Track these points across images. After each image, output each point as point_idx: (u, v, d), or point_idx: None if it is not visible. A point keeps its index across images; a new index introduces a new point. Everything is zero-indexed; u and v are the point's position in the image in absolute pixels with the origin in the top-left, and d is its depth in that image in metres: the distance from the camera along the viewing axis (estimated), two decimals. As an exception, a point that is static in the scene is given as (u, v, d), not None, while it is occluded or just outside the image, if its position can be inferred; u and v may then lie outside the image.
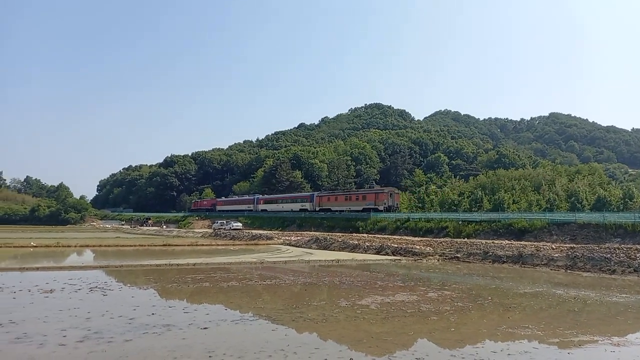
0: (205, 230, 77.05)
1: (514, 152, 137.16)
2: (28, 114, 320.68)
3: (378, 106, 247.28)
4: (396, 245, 39.12)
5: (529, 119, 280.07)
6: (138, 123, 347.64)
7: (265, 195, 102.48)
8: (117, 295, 17.79)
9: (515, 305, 16.81)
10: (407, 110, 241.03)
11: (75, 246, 42.52)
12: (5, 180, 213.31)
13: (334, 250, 41.45)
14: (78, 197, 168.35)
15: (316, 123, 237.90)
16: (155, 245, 45.46)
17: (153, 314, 14.57)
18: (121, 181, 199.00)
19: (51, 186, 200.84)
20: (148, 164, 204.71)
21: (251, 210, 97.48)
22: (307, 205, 79.76)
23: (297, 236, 53.68)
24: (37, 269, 25.42)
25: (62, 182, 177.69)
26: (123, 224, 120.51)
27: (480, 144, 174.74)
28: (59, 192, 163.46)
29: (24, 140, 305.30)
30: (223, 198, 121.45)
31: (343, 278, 23.26)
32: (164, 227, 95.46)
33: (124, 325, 13.09)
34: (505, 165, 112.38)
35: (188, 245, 46.23)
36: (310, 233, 56.33)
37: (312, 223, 67.87)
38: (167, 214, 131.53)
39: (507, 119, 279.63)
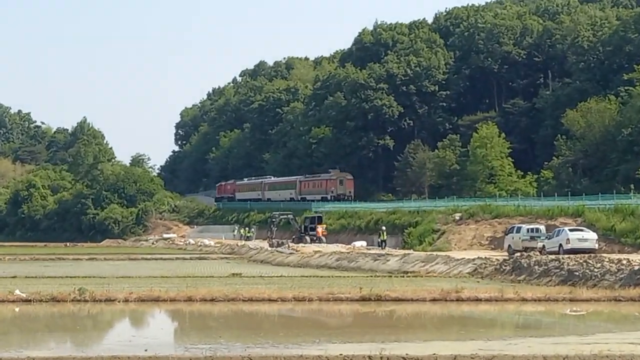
0: (479, 252, 36.39)
1: None
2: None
3: None
4: None
5: None
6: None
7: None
8: None
9: None
10: None
11: (127, 300, 20.20)
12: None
13: None
14: (129, 160, 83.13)
15: None
16: (342, 299, 20.64)
17: None
18: (237, 108, 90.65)
19: (58, 131, 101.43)
20: (307, 58, 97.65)
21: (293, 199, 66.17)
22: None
23: None
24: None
25: (85, 119, 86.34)
26: (249, 237, 59.65)
27: None
28: (81, 147, 78.41)
29: None
30: (245, 180, 74.74)
31: None
32: (366, 246, 44.57)
33: None
34: None
35: (433, 299, 20.66)
36: None
37: None
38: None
39: None
